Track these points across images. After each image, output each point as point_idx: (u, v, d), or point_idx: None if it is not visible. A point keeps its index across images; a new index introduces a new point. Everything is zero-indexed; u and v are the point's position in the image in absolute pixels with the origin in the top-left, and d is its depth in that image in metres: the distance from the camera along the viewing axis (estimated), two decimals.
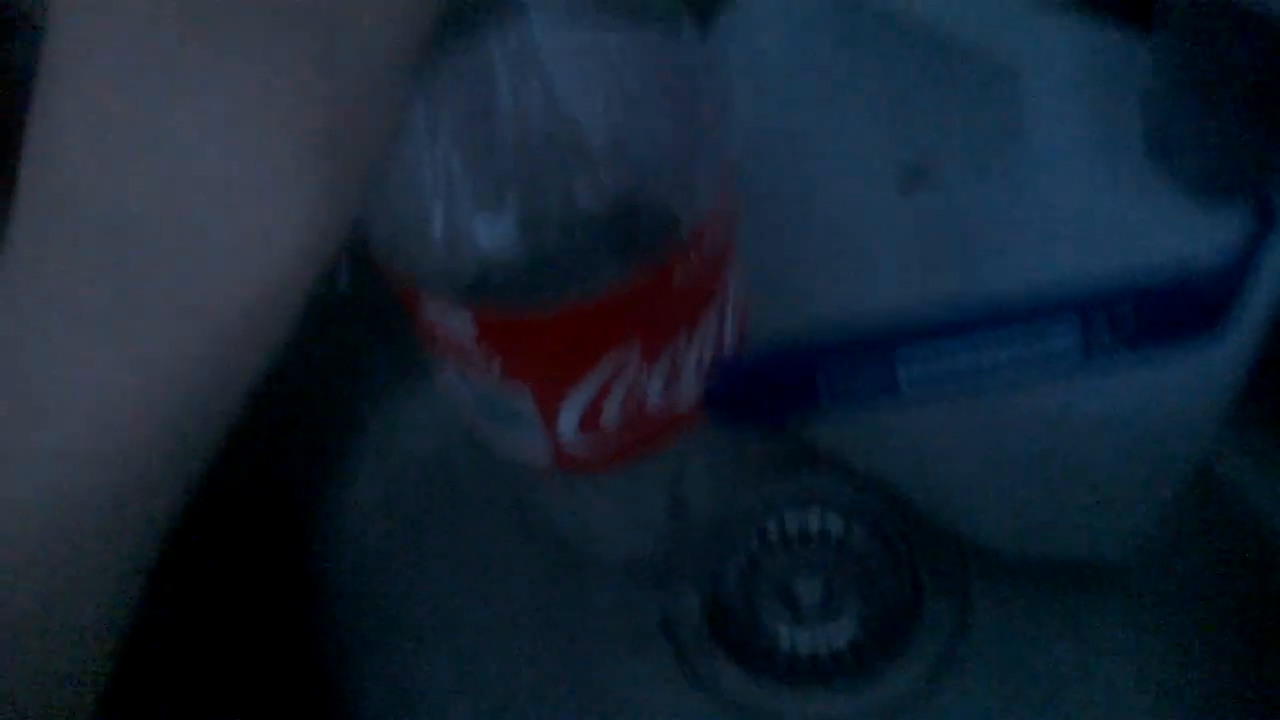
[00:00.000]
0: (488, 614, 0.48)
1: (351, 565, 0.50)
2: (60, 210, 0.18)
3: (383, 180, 0.24)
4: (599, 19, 0.25)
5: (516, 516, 0.43)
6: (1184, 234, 0.31)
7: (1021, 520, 0.43)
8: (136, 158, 0.18)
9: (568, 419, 0.30)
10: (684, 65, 0.27)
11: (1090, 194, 0.33)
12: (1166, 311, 0.25)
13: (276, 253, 0.18)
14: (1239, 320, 0.33)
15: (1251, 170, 0.29)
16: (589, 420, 0.30)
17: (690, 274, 0.28)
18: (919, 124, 0.38)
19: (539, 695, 0.46)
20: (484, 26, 0.24)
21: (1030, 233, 0.34)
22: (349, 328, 0.45)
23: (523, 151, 0.25)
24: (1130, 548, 0.44)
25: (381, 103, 0.19)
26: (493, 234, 0.25)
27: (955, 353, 0.25)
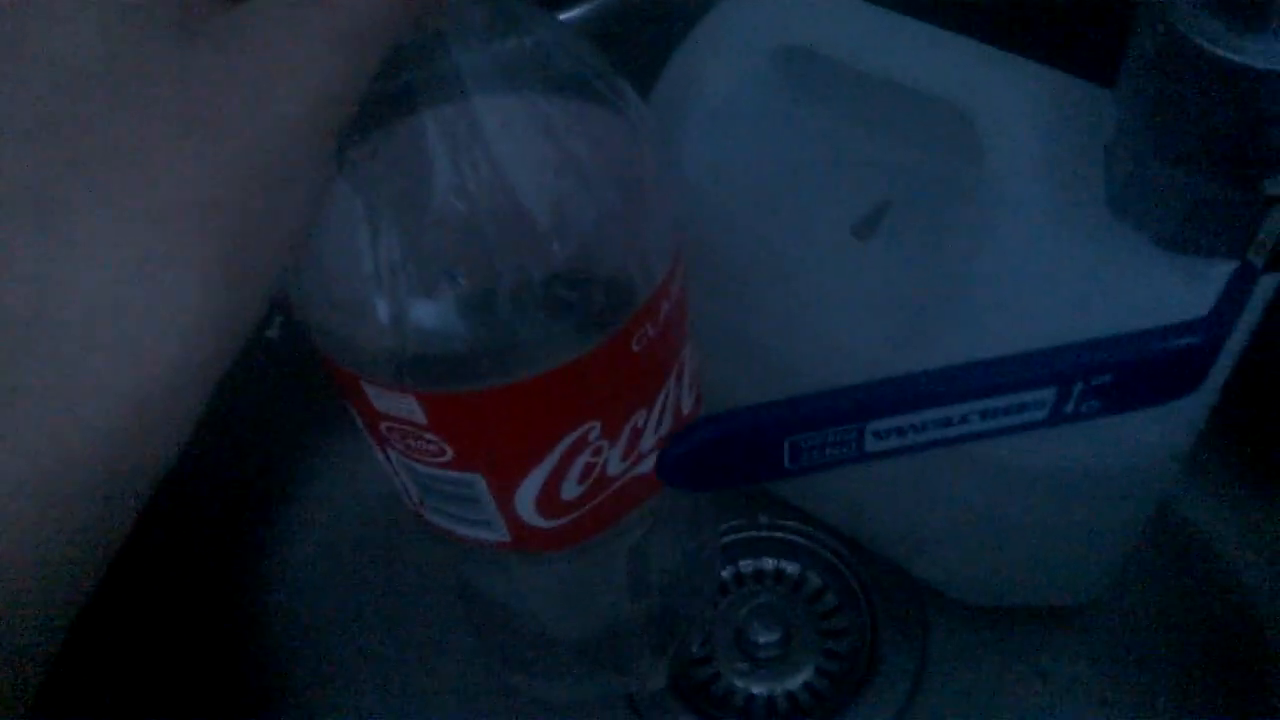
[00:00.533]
0: (430, 670, 0.46)
1: (290, 619, 0.48)
2: None
3: (318, 267, 0.23)
4: (539, 90, 0.24)
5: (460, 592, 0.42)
6: (1150, 289, 0.31)
7: (980, 569, 0.43)
8: (16, 257, 0.17)
9: (525, 499, 0.28)
10: (626, 132, 0.26)
11: (1051, 244, 0.32)
12: (1144, 378, 0.24)
13: (164, 355, 0.18)
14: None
15: (1222, 227, 0.29)
16: (547, 498, 0.28)
17: (648, 342, 0.26)
18: (877, 171, 0.38)
19: None
20: (420, 101, 0.23)
21: (990, 281, 0.33)
22: (284, 375, 0.43)
23: (465, 227, 0.23)
24: (1092, 591, 0.44)
25: (289, 197, 0.19)
26: (439, 314, 0.24)
27: (925, 420, 0.24)
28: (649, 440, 0.29)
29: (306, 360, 0.27)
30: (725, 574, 0.48)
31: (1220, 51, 0.26)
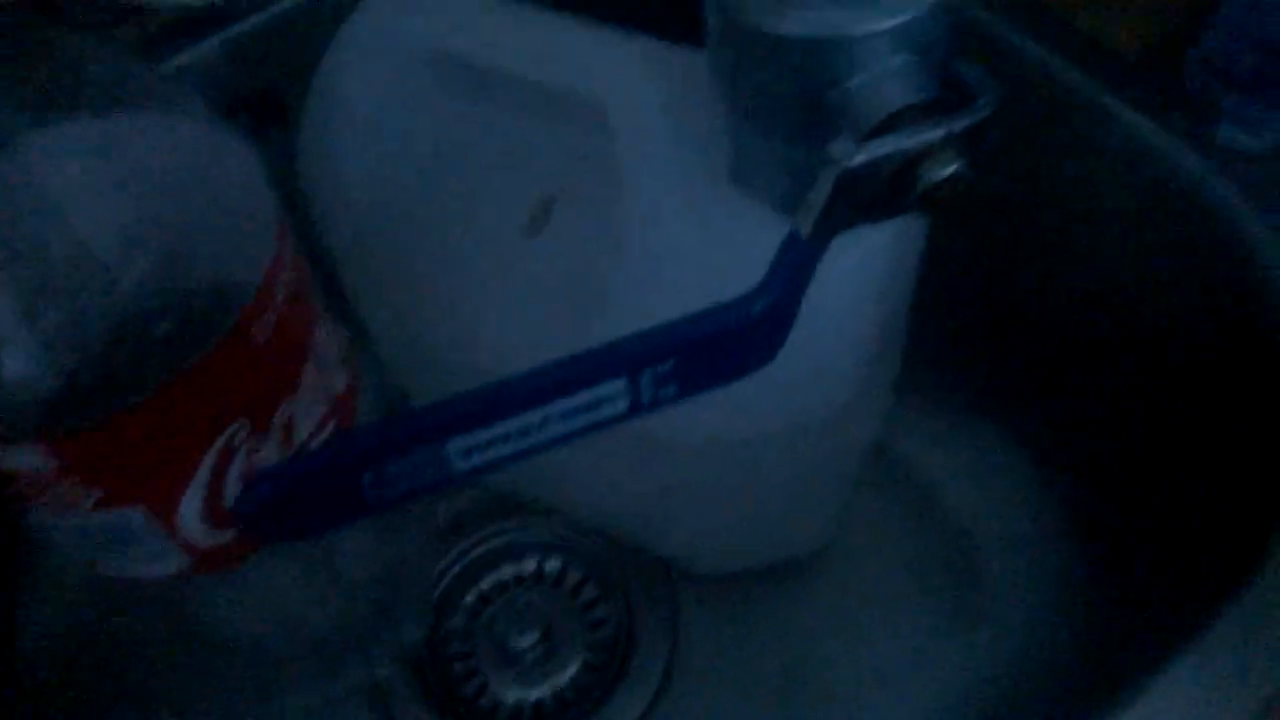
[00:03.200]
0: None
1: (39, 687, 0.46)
2: None
3: None
4: (83, 114, 0.23)
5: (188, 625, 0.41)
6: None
7: (712, 539, 0.43)
8: None
9: (189, 518, 0.27)
10: (192, 134, 0.26)
11: (683, 224, 0.33)
12: (709, 357, 0.24)
13: None
14: (846, 331, 0.34)
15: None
16: (212, 509, 0.27)
17: (270, 330, 0.26)
18: (540, 167, 0.37)
19: None
20: None
21: (633, 267, 0.33)
22: None
23: (34, 265, 0.22)
24: (820, 538, 0.45)
25: None
26: (33, 356, 0.23)
27: (506, 431, 0.24)
28: (305, 428, 0.28)
29: None
30: (485, 583, 0.48)
31: (762, 23, 0.26)
